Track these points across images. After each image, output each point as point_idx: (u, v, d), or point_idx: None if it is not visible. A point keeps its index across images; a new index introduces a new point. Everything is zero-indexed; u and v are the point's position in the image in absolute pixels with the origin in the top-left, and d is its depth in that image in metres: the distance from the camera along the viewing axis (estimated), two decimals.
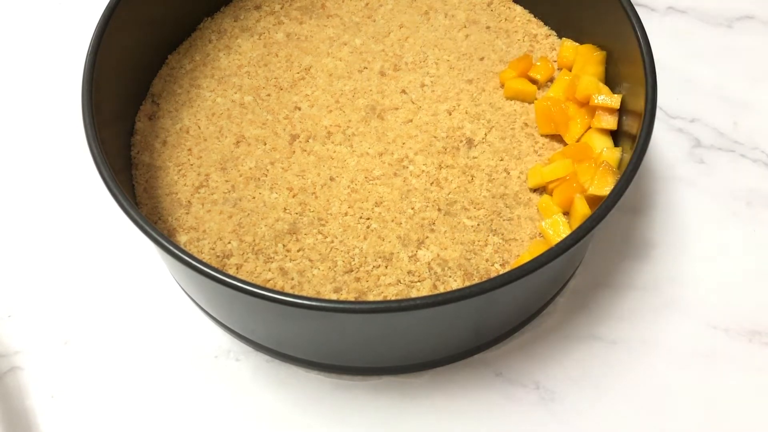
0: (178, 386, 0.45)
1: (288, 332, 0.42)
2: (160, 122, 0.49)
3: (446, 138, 0.48)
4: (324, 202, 0.45)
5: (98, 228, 0.51)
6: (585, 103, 0.47)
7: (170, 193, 0.46)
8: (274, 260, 0.43)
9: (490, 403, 0.44)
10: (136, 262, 0.49)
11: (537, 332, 0.47)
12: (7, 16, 0.62)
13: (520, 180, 0.46)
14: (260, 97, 0.50)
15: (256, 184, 0.46)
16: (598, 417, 0.44)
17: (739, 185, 0.52)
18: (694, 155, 0.53)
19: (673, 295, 0.48)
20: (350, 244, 0.44)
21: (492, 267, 0.43)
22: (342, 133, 0.48)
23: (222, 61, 0.52)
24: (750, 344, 0.46)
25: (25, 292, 0.49)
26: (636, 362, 0.46)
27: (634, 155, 0.39)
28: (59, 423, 0.44)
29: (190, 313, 0.48)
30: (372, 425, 0.44)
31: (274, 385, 0.45)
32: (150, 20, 0.49)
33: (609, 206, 0.38)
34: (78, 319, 0.48)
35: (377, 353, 0.43)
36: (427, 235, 0.44)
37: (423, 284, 0.42)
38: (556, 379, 0.45)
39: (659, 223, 0.50)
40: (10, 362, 0.46)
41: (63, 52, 0.59)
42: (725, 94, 0.56)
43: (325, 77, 0.51)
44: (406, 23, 0.53)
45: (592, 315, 0.47)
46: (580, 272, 0.48)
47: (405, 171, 0.46)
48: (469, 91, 0.50)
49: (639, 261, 0.49)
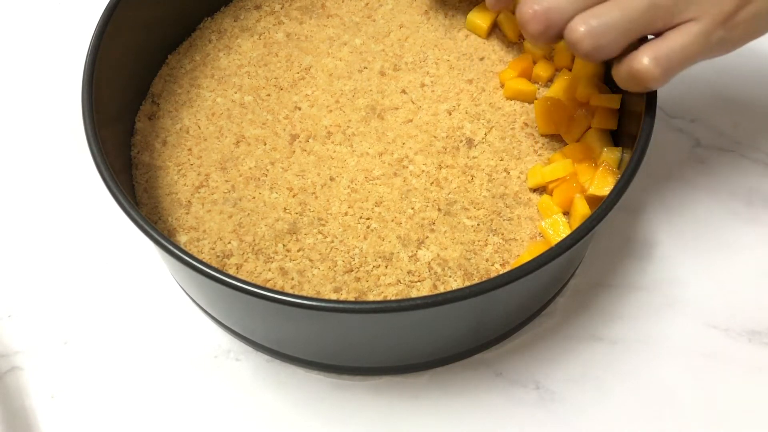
0: (178, 386, 0.45)
1: (288, 332, 0.42)
2: (160, 122, 0.49)
3: (446, 138, 0.48)
4: (324, 202, 0.45)
5: (98, 228, 0.51)
6: (585, 103, 0.47)
7: (170, 193, 0.46)
8: (274, 260, 0.43)
9: (490, 403, 0.44)
10: (136, 262, 0.49)
11: (537, 332, 0.47)
12: (7, 16, 0.62)
13: (520, 180, 0.46)
14: (260, 97, 0.50)
15: (256, 184, 0.46)
16: (599, 417, 0.44)
17: (739, 185, 0.52)
18: (694, 155, 0.53)
19: (673, 295, 0.48)
20: (350, 244, 0.44)
21: (492, 267, 0.43)
22: (342, 133, 0.48)
23: (222, 61, 0.52)
24: (750, 344, 0.46)
25: (25, 292, 0.49)
26: (636, 362, 0.46)
27: (634, 155, 0.39)
28: (59, 423, 0.44)
29: (190, 313, 0.48)
30: (372, 425, 0.44)
31: (274, 385, 0.45)
32: (150, 20, 0.49)
33: (609, 206, 0.38)
34: (78, 319, 0.48)
35: (377, 353, 0.43)
36: (427, 235, 0.44)
37: (423, 284, 0.42)
38: (556, 379, 0.45)
39: (659, 223, 0.50)
40: (10, 362, 0.46)
41: (63, 52, 0.60)
42: (725, 94, 0.56)
43: (325, 77, 0.51)
44: (406, 23, 0.53)
45: (593, 315, 0.47)
46: (580, 272, 0.48)
47: (405, 171, 0.46)
48: (469, 91, 0.50)
49: (639, 261, 0.49)
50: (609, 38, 0.37)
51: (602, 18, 0.37)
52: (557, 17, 0.38)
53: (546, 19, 0.38)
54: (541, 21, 0.38)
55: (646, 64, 0.37)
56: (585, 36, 0.37)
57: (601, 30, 0.37)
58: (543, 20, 0.38)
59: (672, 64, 0.38)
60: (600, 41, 0.37)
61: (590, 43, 0.37)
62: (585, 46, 0.38)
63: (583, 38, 0.37)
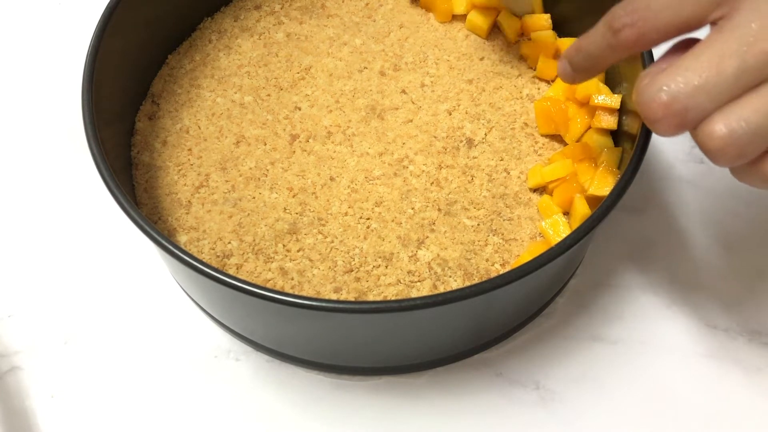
0: (178, 386, 0.45)
1: (288, 332, 0.42)
2: (160, 122, 0.49)
3: (446, 138, 0.48)
4: (324, 202, 0.45)
5: (98, 228, 0.51)
6: (585, 103, 0.47)
7: (170, 193, 0.46)
8: (274, 260, 0.43)
9: (490, 403, 0.44)
10: (136, 262, 0.49)
11: (537, 332, 0.47)
12: (7, 16, 0.62)
13: (520, 180, 0.46)
14: (260, 97, 0.50)
15: (256, 184, 0.46)
16: (599, 417, 0.44)
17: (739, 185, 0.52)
18: (694, 155, 0.53)
19: (673, 295, 0.48)
20: (350, 244, 0.44)
21: (492, 267, 0.43)
22: (342, 133, 0.48)
23: (222, 61, 0.52)
24: (750, 344, 0.46)
25: (25, 292, 0.49)
26: (636, 362, 0.46)
27: (634, 155, 0.39)
28: (59, 423, 0.44)
29: (190, 313, 0.48)
30: (372, 425, 0.44)
31: (274, 385, 0.45)
32: (150, 20, 0.49)
33: (609, 206, 0.38)
34: (78, 319, 0.48)
35: (377, 353, 0.43)
36: (427, 235, 0.44)
37: (423, 284, 0.42)
38: (556, 379, 0.45)
39: (659, 223, 0.50)
40: (10, 362, 0.46)
41: (63, 52, 0.59)
42: None
43: (325, 77, 0.51)
44: (406, 23, 0.53)
45: (593, 315, 0.47)
46: (580, 272, 0.48)
47: (405, 171, 0.46)
48: (469, 91, 0.50)
49: (639, 261, 0.49)
50: (756, 145, 0.29)
51: (752, 122, 0.29)
52: (695, 117, 0.30)
53: (682, 121, 0.30)
54: (676, 123, 0.30)
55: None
56: (730, 145, 0.29)
57: (749, 138, 0.29)
58: (678, 122, 0.30)
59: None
60: (746, 150, 0.29)
61: (735, 152, 0.29)
62: (728, 155, 0.29)
63: (726, 147, 0.29)
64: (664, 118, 0.30)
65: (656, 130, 0.31)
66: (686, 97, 0.29)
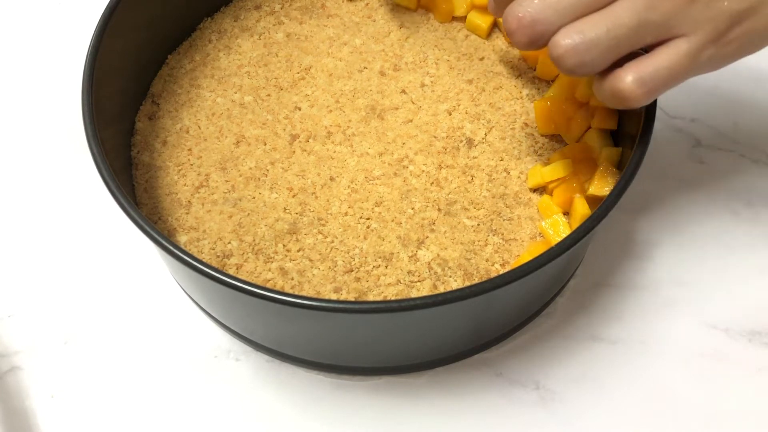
0: (178, 386, 0.45)
1: (288, 332, 0.42)
2: (160, 122, 0.49)
3: (446, 138, 0.48)
4: (324, 202, 0.45)
5: (98, 228, 0.51)
6: (585, 103, 0.47)
7: (170, 193, 0.46)
8: (274, 260, 0.43)
9: (490, 403, 0.44)
10: (136, 262, 0.49)
11: (537, 332, 0.47)
12: (7, 16, 0.62)
13: (520, 180, 0.46)
14: (260, 97, 0.50)
15: (256, 184, 0.46)
16: (599, 417, 0.44)
17: (739, 185, 0.52)
18: (694, 155, 0.53)
19: (673, 295, 0.48)
20: (350, 244, 0.44)
21: (492, 267, 0.43)
22: (342, 133, 0.48)
23: (222, 61, 0.52)
24: (750, 344, 0.46)
25: (25, 292, 0.49)
26: (636, 362, 0.46)
27: (634, 155, 0.39)
28: (59, 423, 0.44)
29: (190, 313, 0.48)
30: (372, 425, 0.44)
31: (274, 385, 0.45)
32: (150, 20, 0.49)
33: (609, 206, 0.38)
34: (78, 319, 0.48)
35: (377, 353, 0.44)
36: (427, 235, 0.44)
37: (423, 284, 0.42)
38: (556, 379, 0.45)
39: (659, 223, 0.50)
40: (10, 362, 0.46)
41: (63, 52, 0.60)
42: (725, 94, 0.56)
43: (325, 77, 0.51)
44: (406, 23, 0.53)
45: (593, 315, 0.47)
46: (580, 272, 0.48)
47: (405, 171, 0.46)
48: (469, 91, 0.50)
49: (639, 261, 0.49)
50: (593, 55, 0.35)
51: (588, 33, 0.35)
52: (543, 29, 0.36)
53: (532, 32, 0.36)
54: (526, 33, 0.36)
55: (629, 84, 0.35)
56: (568, 52, 0.35)
57: (585, 46, 0.35)
58: (528, 33, 0.36)
59: (657, 84, 0.36)
60: (584, 58, 0.35)
61: (573, 59, 0.35)
62: (568, 62, 0.35)
63: (566, 54, 0.35)
64: (518, 29, 0.36)
65: (514, 42, 0.37)
66: (536, 12, 0.36)
